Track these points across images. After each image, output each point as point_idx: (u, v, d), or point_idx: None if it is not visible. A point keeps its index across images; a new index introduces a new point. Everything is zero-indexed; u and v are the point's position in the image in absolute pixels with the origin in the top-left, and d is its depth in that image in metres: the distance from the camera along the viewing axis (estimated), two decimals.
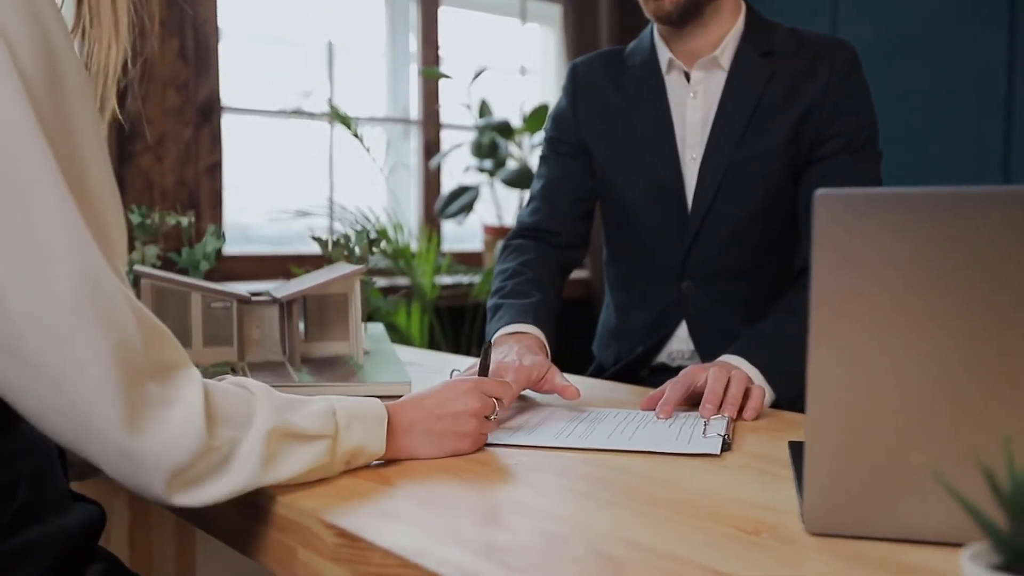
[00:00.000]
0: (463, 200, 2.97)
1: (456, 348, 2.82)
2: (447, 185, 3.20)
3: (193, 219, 1.50)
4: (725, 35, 1.45)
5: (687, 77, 1.48)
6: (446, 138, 3.27)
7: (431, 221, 3.18)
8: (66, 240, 0.66)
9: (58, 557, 0.71)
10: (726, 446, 0.95)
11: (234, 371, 1.24)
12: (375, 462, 0.87)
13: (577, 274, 3.13)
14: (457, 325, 2.87)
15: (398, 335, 2.60)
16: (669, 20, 1.42)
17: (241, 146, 2.90)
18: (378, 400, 0.87)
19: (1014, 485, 0.45)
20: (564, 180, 1.56)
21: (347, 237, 1.52)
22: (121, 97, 2.62)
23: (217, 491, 0.72)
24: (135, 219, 1.46)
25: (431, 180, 3.23)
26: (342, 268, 1.35)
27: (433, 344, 2.75)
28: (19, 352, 0.65)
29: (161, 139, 2.64)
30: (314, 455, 0.79)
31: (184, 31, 2.66)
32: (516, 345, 1.21)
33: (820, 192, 0.61)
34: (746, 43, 1.45)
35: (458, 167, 3.17)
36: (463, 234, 3.35)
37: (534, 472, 0.87)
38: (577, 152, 1.55)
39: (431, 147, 3.23)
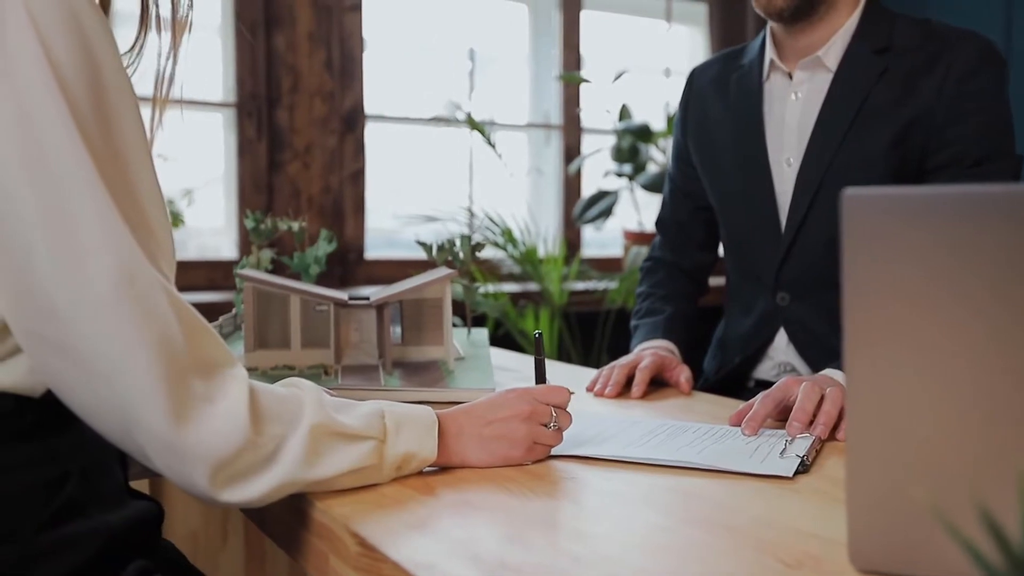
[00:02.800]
0: (602, 205, 2.93)
1: (586, 355, 2.77)
2: (587, 190, 3.17)
3: (305, 224, 1.54)
4: (833, 34, 1.35)
5: (790, 77, 1.39)
6: (588, 143, 3.24)
7: (570, 226, 3.16)
8: (102, 237, 0.68)
9: (99, 552, 0.74)
10: (803, 469, 0.88)
11: (326, 372, 1.26)
12: (427, 468, 0.86)
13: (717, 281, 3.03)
14: (588, 332, 2.83)
15: (527, 341, 2.59)
16: (780, 16, 1.34)
17: (385, 153, 2.97)
18: (428, 407, 0.86)
19: None
20: (681, 194, 1.58)
21: (451, 242, 1.52)
22: (270, 109, 2.75)
23: (261, 487, 0.73)
24: (249, 224, 1.51)
25: (571, 185, 3.21)
26: (438, 273, 1.35)
27: (562, 351, 2.72)
28: (70, 349, 0.68)
29: (308, 147, 2.74)
30: (359, 455, 0.78)
31: (331, 44, 2.75)
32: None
33: (848, 192, 0.54)
34: (859, 39, 1.35)
35: (599, 172, 3.14)
36: (604, 239, 3.30)
37: (584, 487, 0.84)
38: (689, 163, 1.53)
39: (571, 152, 3.20)
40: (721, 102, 1.47)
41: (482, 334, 1.56)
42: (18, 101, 0.67)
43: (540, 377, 1.00)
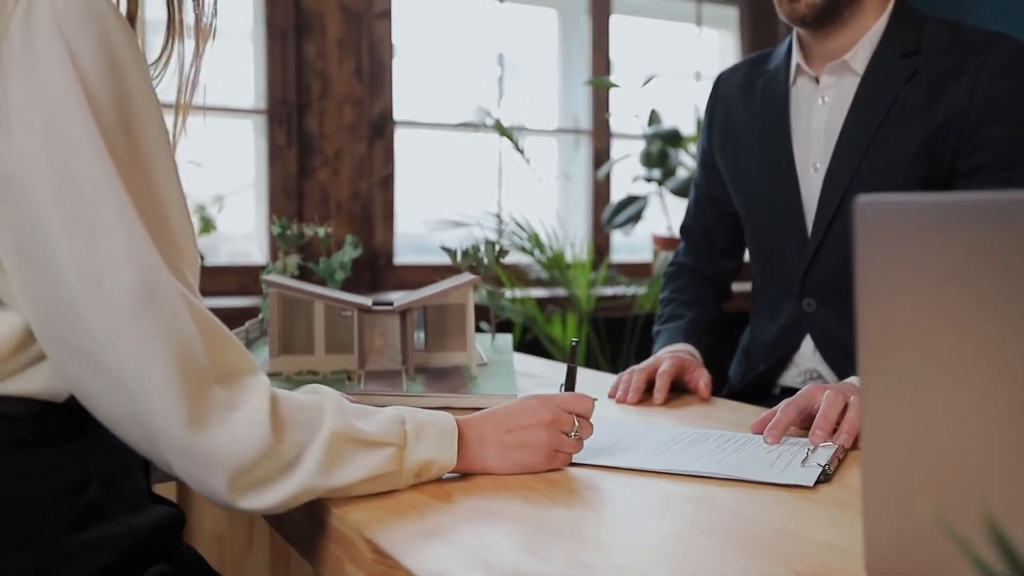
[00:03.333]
0: (631, 210, 2.92)
1: (614, 361, 2.76)
2: (616, 195, 3.16)
3: (330, 230, 1.55)
4: (861, 36, 1.34)
5: (817, 81, 1.38)
6: (617, 148, 3.23)
7: (599, 231, 3.15)
8: (126, 248, 0.69)
9: (120, 556, 0.74)
10: (825, 478, 0.87)
11: (349, 378, 1.26)
12: (447, 475, 0.86)
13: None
14: (616, 338, 2.82)
15: (555, 347, 2.59)
16: (803, 22, 1.33)
17: (415, 158, 2.98)
18: (448, 413, 0.86)
19: None
20: (705, 199, 1.57)
21: (475, 247, 1.52)
22: (300, 115, 2.77)
23: (280, 495, 0.73)
24: (276, 230, 1.52)
25: (600, 190, 3.20)
26: (462, 278, 1.35)
27: (590, 357, 2.71)
28: (93, 358, 0.69)
29: (337, 154, 2.76)
30: (378, 462, 0.78)
31: (360, 51, 2.77)
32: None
33: (861, 199, 0.54)
34: (887, 42, 1.33)
35: (628, 177, 3.13)
36: (633, 245, 3.29)
37: (601, 495, 0.83)
38: (714, 168, 1.52)
39: (600, 157, 3.20)
40: (747, 107, 1.46)
41: (506, 340, 1.56)
42: (45, 111, 0.68)
43: (570, 385, 0.99)
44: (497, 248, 1.51)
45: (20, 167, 0.68)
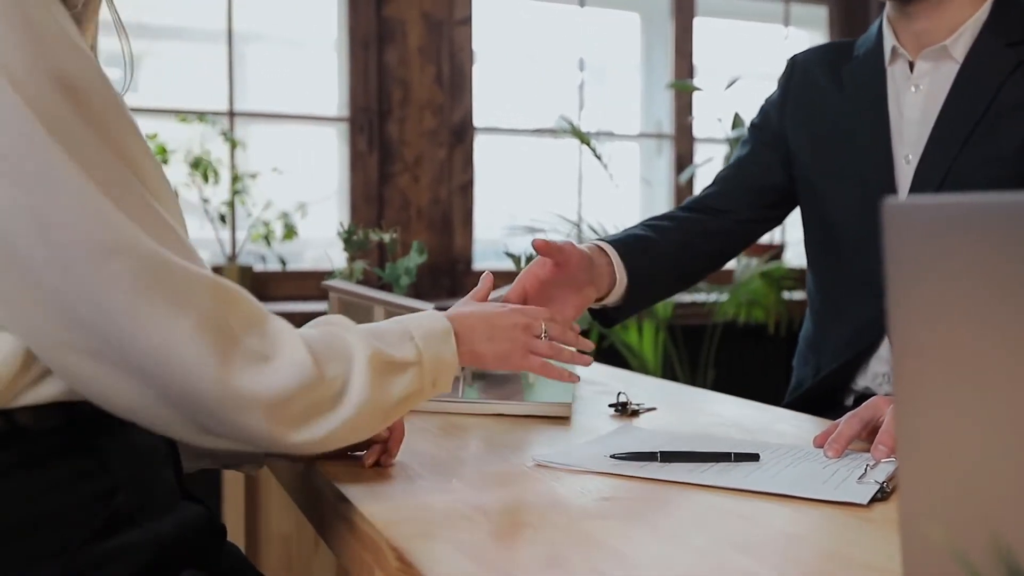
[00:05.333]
0: None
1: (692, 371, 2.71)
2: None
3: (396, 235, 1.56)
4: (963, 22, 1.27)
5: (911, 68, 1.31)
6: (700, 152, 3.17)
7: None
8: (111, 237, 0.66)
9: (150, 561, 0.74)
10: (882, 496, 0.82)
11: None
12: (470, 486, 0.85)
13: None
14: (694, 346, 2.76)
15: (633, 356, 2.55)
16: None
17: (497, 164, 2.99)
18: (437, 313, 0.89)
19: None
20: (750, 165, 1.46)
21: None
22: (381, 122, 2.81)
23: (335, 421, 0.75)
24: (341, 235, 1.53)
25: (682, 195, 3.15)
26: None
27: (667, 366, 2.66)
28: (103, 352, 0.67)
29: (417, 160, 2.79)
30: (408, 382, 0.81)
31: (441, 58, 2.79)
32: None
33: (890, 201, 0.50)
34: (989, 31, 1.26)
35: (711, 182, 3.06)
36: None
37: (636, 508, 0.80)
38: (775, 143, 1.44)
39: (683, 161, 3.15)
40: (834, 89, 1.38)
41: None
42: None
43: None
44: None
45: None
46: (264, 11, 2.78)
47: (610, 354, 2.60)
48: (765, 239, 2.90)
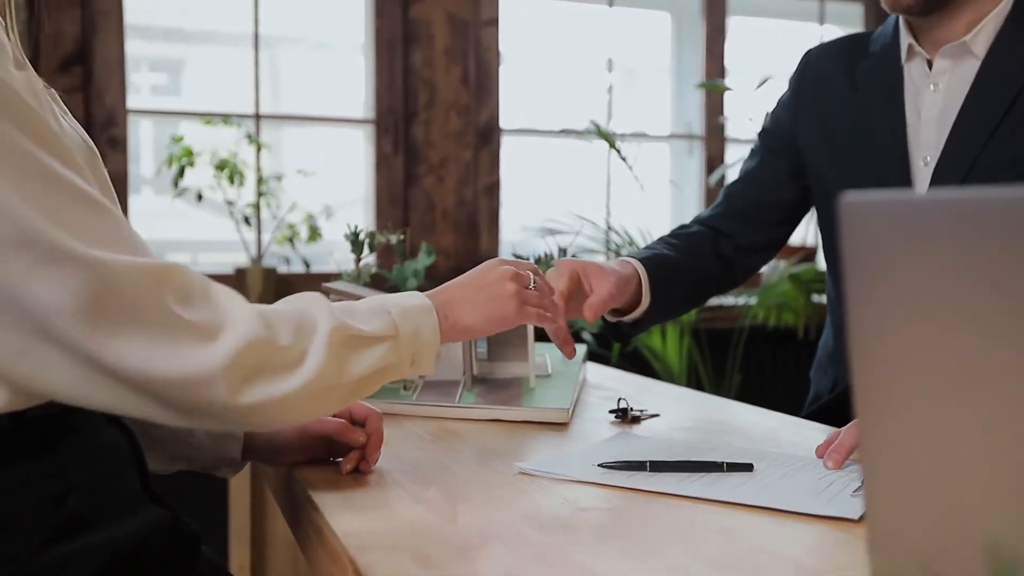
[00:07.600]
0: None
1: (718, 376, 2.65)
2: None
3: (403, 237, 1.54)
4: (983, 17, 1.21)
5: (929, 66, 1.26)
6: (732, 153, 3.12)
7: None
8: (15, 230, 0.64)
9: (107, 565, 0.72)
10: None
11: (405, 387, 1.24)
12: (444, 492, 0.82)
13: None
14: (720, 350, 2.69)
15: (657, 360, 2.50)
16: (909, 11, 1.23)
17: (523, 165, 2.96)
18: (418, 293, 0.87)
19: None
20: (757, 179, 1.42)
21: (549, 255, 1.48)
22: (407, 124, 2.80)
23: (289, 386, 0.72)
24: (347, 237, 1.52)
25: (712, 197, 3.09)
26: None
27: (691, 371, 2.61)
28: (87, 364, 0.65)
29: (443, 161, 2.77)
30: (379, 355, 0.79)
31: (467, 59, 2.77)
32: None
33: (847, 199, 0.47)
34: (1012, 24, 1.20)
35: None
36: None
37: (618, 521, 0.77)
38: (784, 150, 1.39)
39: (713, 162, 3.09)
40: (848, 87, 1.33)
41: (580, 350, 1.50)
42: None
43: None
44: (573, 255, 1.46)
45: None
46: (294, 15, 2.78)
47: (634, 358, 2.56)
48: (796, 240, 2.84)
